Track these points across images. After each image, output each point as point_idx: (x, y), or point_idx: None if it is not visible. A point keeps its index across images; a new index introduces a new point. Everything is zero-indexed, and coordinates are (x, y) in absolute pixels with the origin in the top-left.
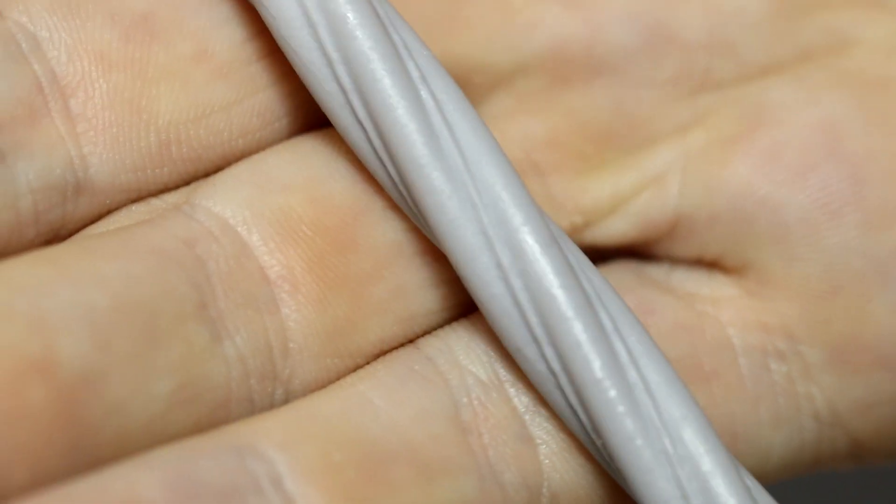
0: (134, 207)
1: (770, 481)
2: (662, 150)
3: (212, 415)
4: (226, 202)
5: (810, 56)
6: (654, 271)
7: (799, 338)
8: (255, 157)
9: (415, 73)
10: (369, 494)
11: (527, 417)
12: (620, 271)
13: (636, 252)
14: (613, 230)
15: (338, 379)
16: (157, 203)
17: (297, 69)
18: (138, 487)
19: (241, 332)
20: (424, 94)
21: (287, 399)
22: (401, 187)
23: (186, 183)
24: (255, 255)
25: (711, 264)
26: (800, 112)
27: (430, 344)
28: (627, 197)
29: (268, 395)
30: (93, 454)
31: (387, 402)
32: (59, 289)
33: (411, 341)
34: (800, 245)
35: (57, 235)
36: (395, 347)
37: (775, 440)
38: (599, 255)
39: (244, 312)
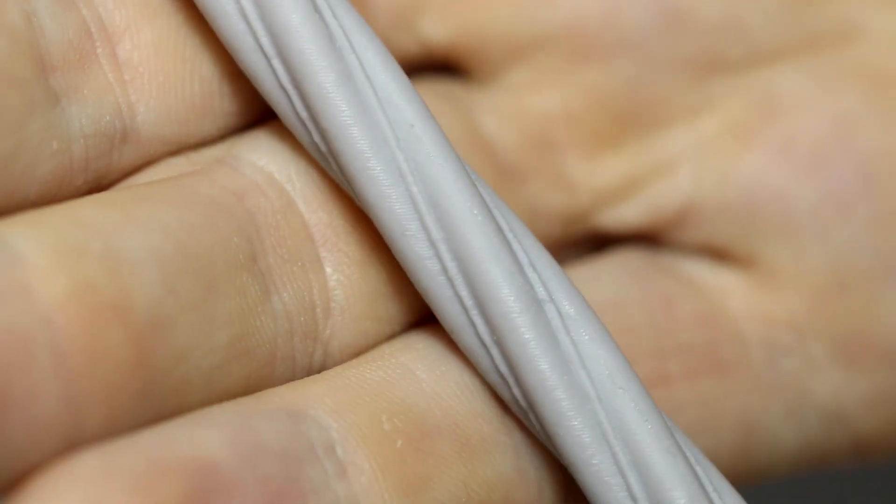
0: (173, 160)
1: (780, 476)
2: (675, 134)
3: (260, 371)
4: (270, 157)
5: (819, 45)
6: (664, 259)
7: (805, 332)
8: None
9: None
10: (416, 466)
11: None
12: (632, 258)
13: (644, 239)
14: (624, 216)
15: (374, 344)
16: (195, 157)
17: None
18: (203, 444)
19: (288, 288)
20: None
21: (325, 361)
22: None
23: (223, 137)
24: (301, 211)
25: (719, 254)
26: (812, 105)
27: None
28: (639, 181)
29: (308, 354)
30: (159, 403)
31: (429, 374)
32: (128, 232)
33: None
34: (808, 239)
35: (99, 185)
36: (432, 316)
37: (786, 434)
38: (608, 240)
39: (290, 269)
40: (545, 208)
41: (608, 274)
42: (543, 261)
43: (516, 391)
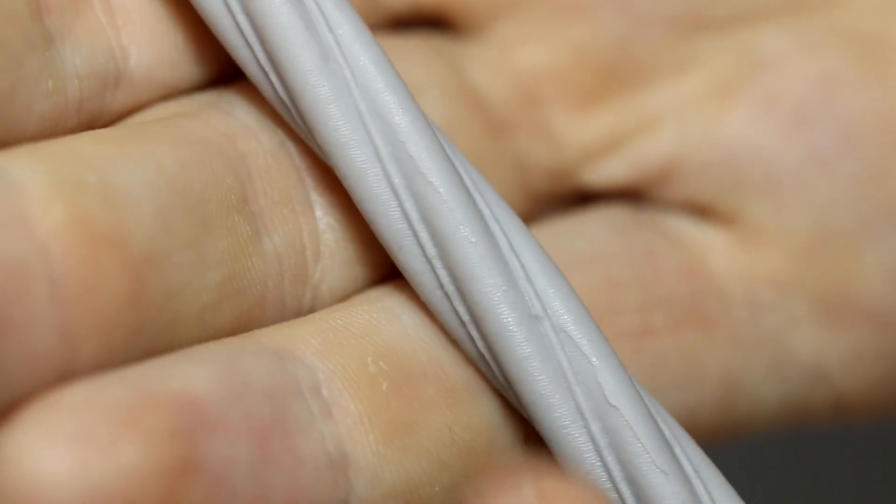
0: (165, 105)
1: (761, 433)
2: (660, 91)
3: (250, 312)
4: (262, 101)
5: (804, 7)
6: (647, 215)
7: (787, 289)
8: None
9: None
10: (401, 410)
11: None
12: (616, 213)
13: (628, 195)
14: (608, 172)
15: (364, 289)
16: (187, 101)
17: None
18: (191, 380)
19: (279, 230)
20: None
21: (314, 305)
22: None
23: (215, 83)
24: (292, 154)
25: (702, 211)
26: (796, 64)
27: None
28: (624, 138)
29: (297, 298)
30: (151, 339)
31: (415, 320)
32: (123, 167)
33: None
34: (790, 197)
35: (92, 127)
36: None
37: (768, 390)
38: (593, 197)
39: (281, 211)
40: (532, 163)
41: (592, 228)
42: (541, 271)
43: (515, 402)
